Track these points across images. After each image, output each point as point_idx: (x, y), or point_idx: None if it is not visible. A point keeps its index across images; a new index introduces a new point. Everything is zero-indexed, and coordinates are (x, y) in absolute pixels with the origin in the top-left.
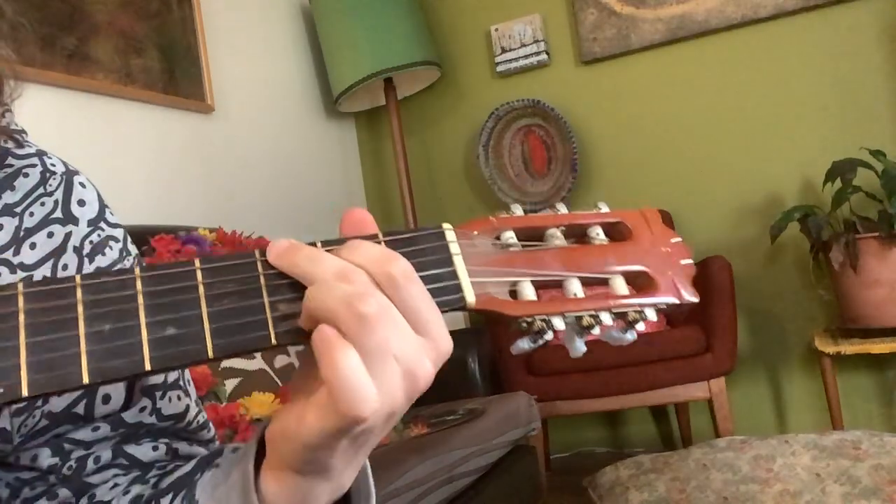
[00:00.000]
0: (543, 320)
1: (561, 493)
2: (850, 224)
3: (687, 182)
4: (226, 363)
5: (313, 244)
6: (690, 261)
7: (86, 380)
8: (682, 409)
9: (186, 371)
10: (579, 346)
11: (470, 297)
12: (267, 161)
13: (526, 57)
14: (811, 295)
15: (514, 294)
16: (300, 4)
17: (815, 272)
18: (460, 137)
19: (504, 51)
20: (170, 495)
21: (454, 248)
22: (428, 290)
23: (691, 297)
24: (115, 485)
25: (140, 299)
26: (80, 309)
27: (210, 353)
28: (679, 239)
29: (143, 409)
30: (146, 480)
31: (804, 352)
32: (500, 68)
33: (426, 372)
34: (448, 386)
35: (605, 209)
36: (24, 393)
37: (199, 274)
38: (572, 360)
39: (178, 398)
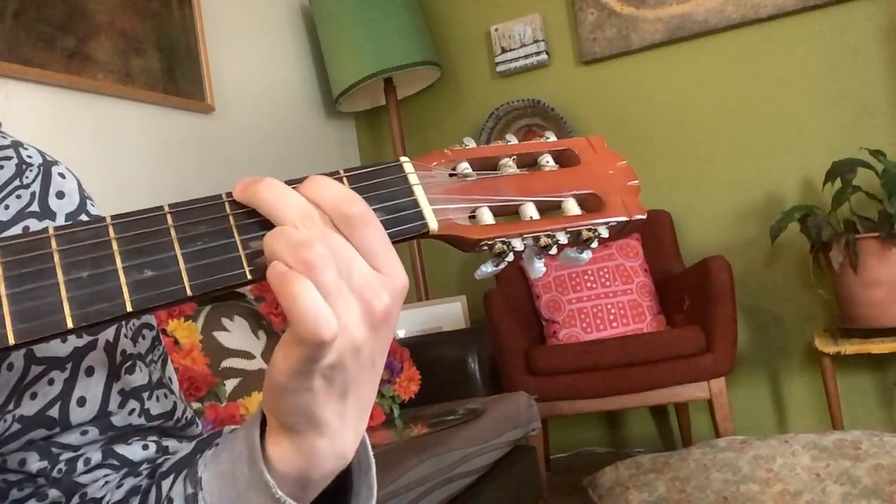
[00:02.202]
0: (503, 242)
1: (561, 493)
2: (850, 224)
3: (687, 182)
4: (225, 363)
5: None
6: (636, 181)
7: (70, 325)
8: (682, 409)
9: (169, 367)
10: (539, 267)
11: (433, 224)
12: (267, 161)
13: (526, 57)
14: (811, 295)
15: (473, 220)
16: (300, 4)
17: (815, 272)
18: (460, 137)
19: (504, 51)
20: (171, 477)
21: (413, 178)
22: (391, 219)
23: (639, 215)
24: (107, 482)
25: (114, 245)
26: (57, 258)
27: (188, 292)
28: (625, 162)
29: (131, 412)
30: (138, 473)
31: (804, 352)
32: (500, 68)
33: (383, 303)
34: (448, 386)
35: (552, 138)
36: (11, 341)
37: (169, 218)
38: (572, 360)
39: (165, 396)
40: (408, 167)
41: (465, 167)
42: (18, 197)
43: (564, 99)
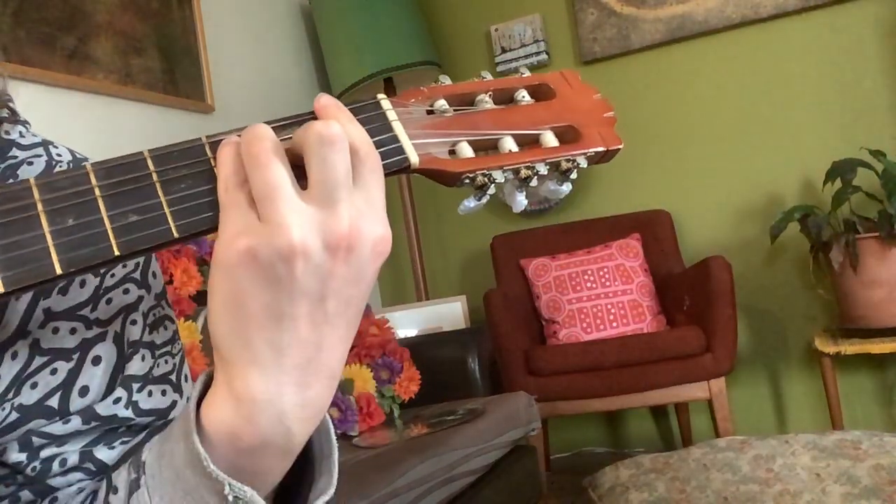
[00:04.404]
0: (484, 175)
1: (561, 493)
2: (850, 224)
3: (687, 182)
4: None
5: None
6: (612, 113)
7: (58, 270)
8: (682, 409)
9: (186, 366)
10: (521, 200)
11: (413, 158)
12: None
13: (526, 57)
14: (811, 295)
15: (453, 154)
16: (300, 4)
17: (815, 272)
18: None
19: (504, 51)
20: (120, 466)
21: (391, 115)
22: None
23: (616, 145)
24: (80, 489)
25: (97, 192)
26: (40, 207)
27: (175, 233)
28: (600, 95)
29: (117, 401)
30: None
31: (804, 352)
32: (500, 68)
33: (348, 223)
34: (448, 386)
35: (527, 73)
36: (0, 289)
37: (149, 163)
38: (572, 360)
39: (163, 393)
40: (385, 104)
41: (442, 104)
42: None
43: None
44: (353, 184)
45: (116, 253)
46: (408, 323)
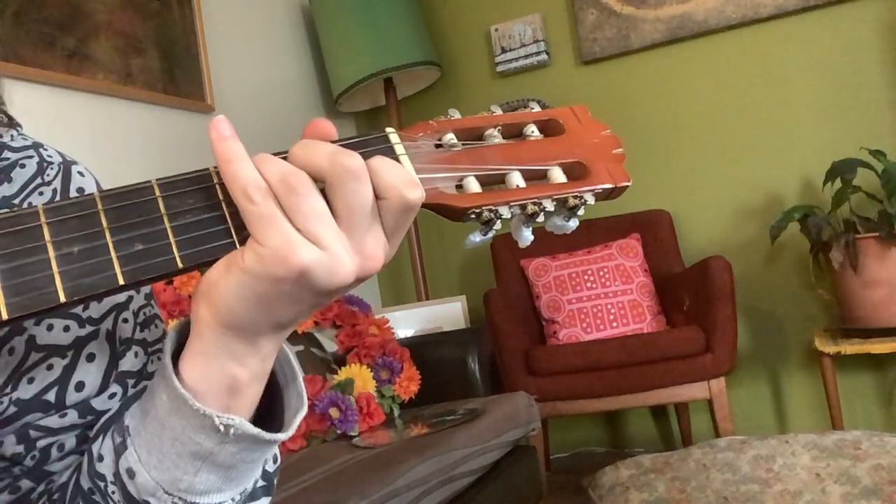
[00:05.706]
0: (491, 210)
1: (561, 493)
2: (850, 224)
3: (687, 182)
4: None
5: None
6: (621, 150)
7: (62, 298)
8: (682, 409)
9: None
10: (527, 236)
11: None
12: None
13: (526, 57)
14: (811, 295)
15: (460, 189)
16: (300, 4)
17: (815, 272)
18: None
19: (504, 51)
20: (99, 438)
21: (399, 149)
22: None
23: (624, 182)
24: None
25: (104, 220)
26: (47, 234)
27: (180, 264)
28: (609, 131)
29: (112, 396)
30: None
31: (804, 352)
32: (500, 68)
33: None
34: (448, 386)
35: (537, 108)
36: (4, 316)
37: (157, 191)
38: (572, 360)
39: None
40: (393, 138)
41: (450, 138)
42: (41, 194)
43: (564, 99)
44: (334, 215)
45: (121, 282)
46: (408, 323)
